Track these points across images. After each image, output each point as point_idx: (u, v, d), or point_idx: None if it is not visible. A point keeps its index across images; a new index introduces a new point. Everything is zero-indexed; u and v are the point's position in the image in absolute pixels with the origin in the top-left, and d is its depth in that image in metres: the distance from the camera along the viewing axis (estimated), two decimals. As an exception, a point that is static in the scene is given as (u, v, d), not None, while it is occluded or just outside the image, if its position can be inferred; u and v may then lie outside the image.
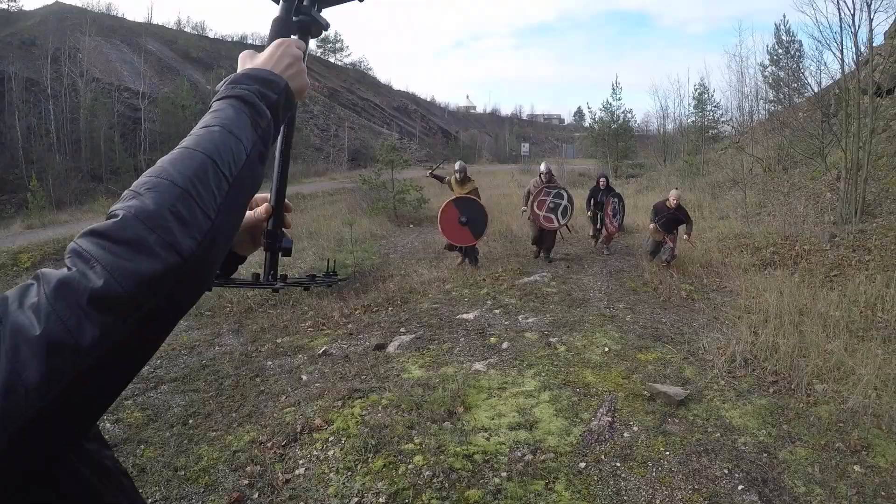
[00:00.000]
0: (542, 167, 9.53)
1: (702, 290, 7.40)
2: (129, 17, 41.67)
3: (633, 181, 22.08)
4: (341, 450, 3.26)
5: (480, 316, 6.03)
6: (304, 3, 0.99)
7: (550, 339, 5.22)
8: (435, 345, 5.13)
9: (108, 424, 4.25)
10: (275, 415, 3.99)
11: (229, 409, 4.30)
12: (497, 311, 6.21)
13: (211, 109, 0.75)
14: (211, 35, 43.52)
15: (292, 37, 0.94)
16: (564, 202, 8.99)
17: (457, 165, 9.11)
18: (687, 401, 3.90)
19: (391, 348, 5.11)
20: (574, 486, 2.92)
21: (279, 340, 5.90)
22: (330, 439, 3.40)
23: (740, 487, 2.95)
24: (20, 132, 25.27)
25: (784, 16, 26.08)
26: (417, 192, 14.54)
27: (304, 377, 4.70)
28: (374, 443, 3.26)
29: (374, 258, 9.08)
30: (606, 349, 4.97)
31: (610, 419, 3.56)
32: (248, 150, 0.71)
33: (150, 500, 3.23)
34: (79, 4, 39.09)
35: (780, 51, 24.46)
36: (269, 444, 3.54)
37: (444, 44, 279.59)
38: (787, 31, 24.35)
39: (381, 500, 2.79)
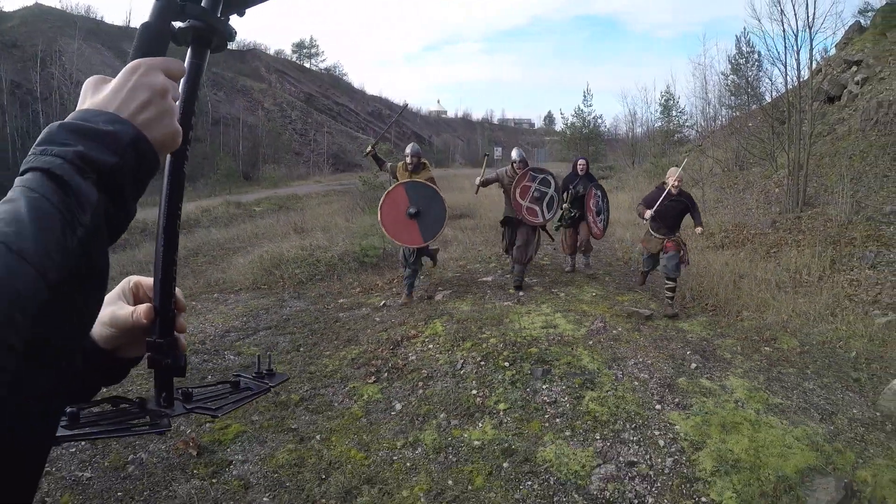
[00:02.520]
0: (515, 154, 8.05)
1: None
2: (108, 20, 42.24)
3: (603, 182, 24.32)
4: (439, 342, 5.16)
5: (496, 279, 7.94)
6: (202, 2, 0.72)
7: (553, 290, 7.17)
8: (470, 295, 7.02)
9: (231, 356, 5.95)
10: (371, 339, 5.78)
11: (330, 339, 6.05)
12: (507, 276, 8.12)
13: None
14: (187, 40, 44.55)
15: (166, 57, 0.64)
16: (551, 191, 7.52)
17: (408, 149, 7.46)
18: (652, 317, 5.92)
19: (438, 297, 6.98)
20: (587, 350, 4.89)
21: (340, 301, 7.66)
22: (426, 340, 5.29)
23: (688, 352, 4.95)
24: (10, 135, 26.30)
25: (744, 28, 28.77)
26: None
27: (378, 319, 6.51)
28: (460, 335, 5.17)
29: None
30: (594, 294, 6.97)
31: (602, 325, 5.51)
32: (51, 277, 0.45)
33: (301, 390, 4.88)
34: (58, 6, 39.83)
35: (740, 60, 27.20)
36: (379, 350, 5.35)
37: (415, 48, 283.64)
38: (747, 43, 27.06)
39: (477, 359, 4.71)
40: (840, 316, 6.74)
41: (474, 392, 4.33)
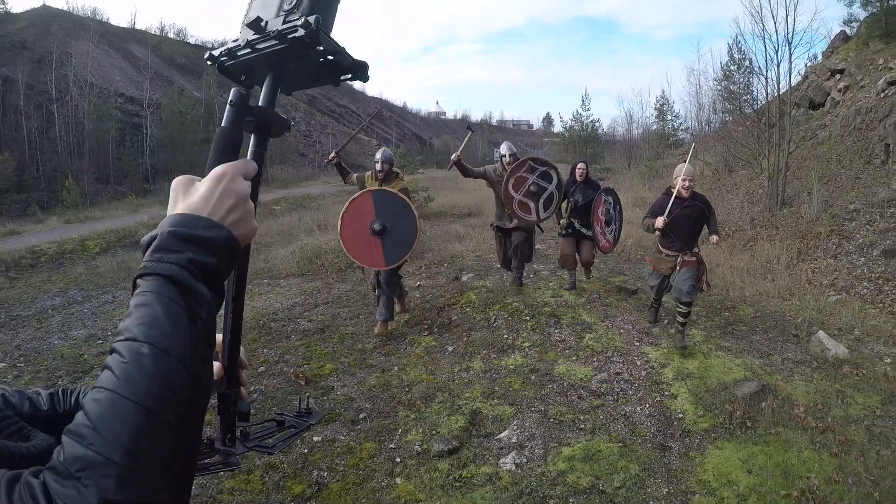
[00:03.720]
0: (504, 148, 7.47)
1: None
2: (113, 22, 43.77)
3: (600, 183, 26.16)
4: (474, 306, 6.89)
5: (511, 265, 9.67)
6: (262, 102, 0.91)
7: (557, 273, 8.89)
8: (490, 276, 8.73)
9: (304, 322, 7.54)
10: (418, 307, 7.45)
11: (381, 309, 7.73)
12: (520, 264, 9.86)
13: (136, 293, 0.69)
14: (192, 41, 46.48)
15: (240, 160, 0.82)
16: (552, 187, 7.04)
17: (378, 154, 6.63)
18: (637, 291, 7.65)
19: (464, 279, 8.68)
20: (586, 311, 6.66)
21: (379, 283, 9.35)
22: (463, 305, 7.00)
23: (662, 314, 6.67)
24: (25, 135, 27.88)
25: (736, 36, 30.57)
26: (424, 192, 18.08)
27: (418, 295, 8.19)
28: (490, 301, 6.91)
29: (422, 233, 12.53)
30: (591, 276, 8.68)
31: (598, 296, 7.24)
32: (189, 363, 0.65)
33: (370, 345, 6.47)
34: (64, 8, 41.32)
35: (732, 67, 29.02)
36: (427, 314, 7.04)
37: (412, 49, 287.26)
38: (739, 50, 28.87)
39: (505, 316, 6.46)
40: (797, 295, 8.49)
41: (506, 336, 6.09)
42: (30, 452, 0.76)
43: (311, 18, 0.83)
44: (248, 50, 0.90)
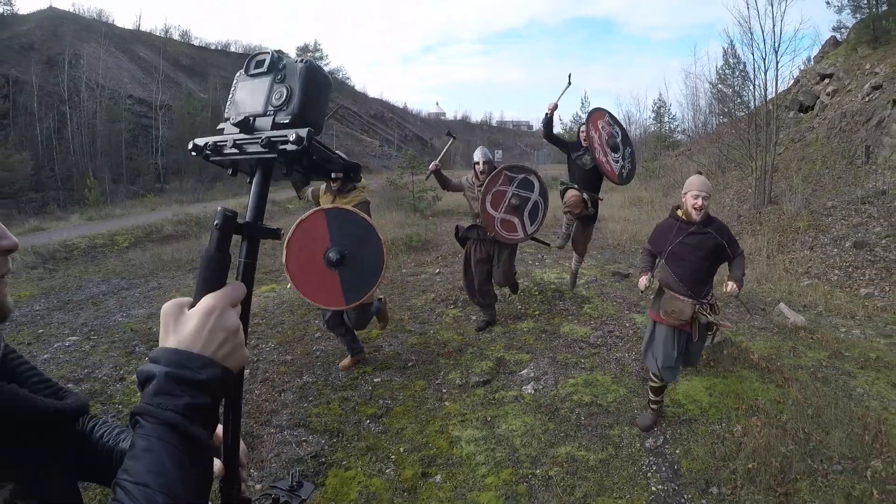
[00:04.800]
0: (478, 154, 6.56)
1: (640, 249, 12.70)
2: (118, 23, 45.06)
3: (601, 183, 27.66)
4: None
5: (519, 257, 11.07)
6: (249, 216, 0.91)
7: (560, 262, 10.33)
8: (503, 263, 10.16)
9: None
10: (441, 288, 8.87)
11: (411, 291, 9.05)
12: (527, 253, 11.25)
13: (140, 432, 0.74)
14: (196, 43, 47.83)
15: (228, 286, 0.82)
16: (535, 195, 6.39)
17: None
18: (629, 275, 9.10)
19: (480, 265, 10.10)
20: (585, 289, 8.09)
21: (402, 271, 10.72)
22: (481, 284, 8.41)
23: (650, 294, 8.07)
24: (39, 136, 29.20)
25: (731, 41, 32.03)
26: (432, 192, 19.45)
27: (439, 279, 9.59)
28: None
29: (434, 230, 13.94)
30: (588, 264, 10.13)
31: (595, 279, 8.67)
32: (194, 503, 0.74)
33: (406, 316, 7.96)
34: (71, 10, 42.62)
35: (727, 71, 30.51)
36: (450, 293, 8.45)
37: (412, 49, 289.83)
38: (734, 55, 30.36)
39: (518, 292, 7.85)
40: (772, 280, 9.91)
41: (519, 307, 7.56)
42: (63, 408, 0.91)
43: (304, 133, 0.82)
44: (236, 150, 0.91)
